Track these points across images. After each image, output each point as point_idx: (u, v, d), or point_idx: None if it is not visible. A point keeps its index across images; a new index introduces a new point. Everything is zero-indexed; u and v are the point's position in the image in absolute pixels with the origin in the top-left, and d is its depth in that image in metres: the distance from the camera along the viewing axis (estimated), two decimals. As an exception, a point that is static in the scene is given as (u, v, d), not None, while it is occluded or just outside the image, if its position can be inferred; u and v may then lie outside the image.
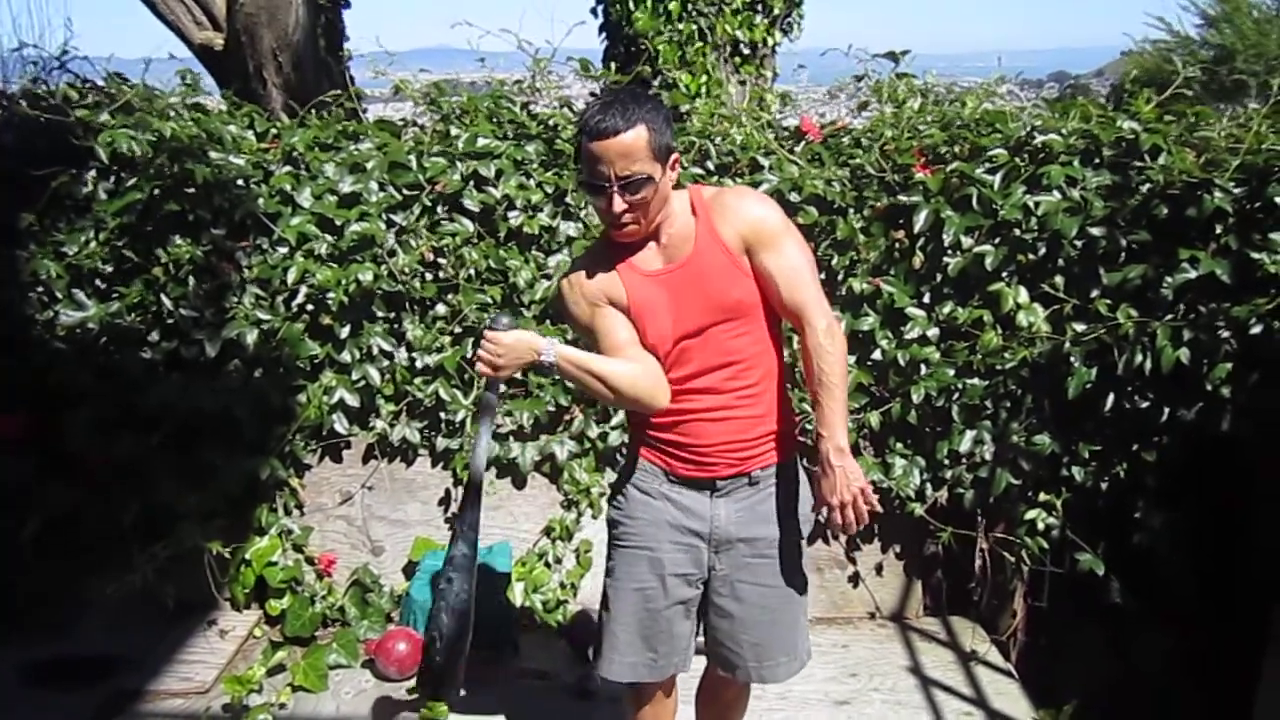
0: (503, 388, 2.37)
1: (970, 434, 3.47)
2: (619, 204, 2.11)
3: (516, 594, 3.64)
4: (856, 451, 3.55)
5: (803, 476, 2.39)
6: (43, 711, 3.23)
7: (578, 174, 2.21)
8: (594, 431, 3.63)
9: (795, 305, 2.22)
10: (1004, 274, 3.35)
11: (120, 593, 3.39)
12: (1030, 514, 3.45)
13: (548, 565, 3.74)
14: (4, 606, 3.59)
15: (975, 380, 3.42)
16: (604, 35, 6.13)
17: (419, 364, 3.55)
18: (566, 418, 3.65)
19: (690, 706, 2.67)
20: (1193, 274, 3.11)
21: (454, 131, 3.58)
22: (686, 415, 2.25)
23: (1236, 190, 3.08)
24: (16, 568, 3.55)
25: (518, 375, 3.53)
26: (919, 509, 3.55)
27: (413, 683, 3.32)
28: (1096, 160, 3.30)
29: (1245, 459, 3.17)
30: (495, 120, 3.64)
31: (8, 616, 3.58)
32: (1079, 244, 3.26)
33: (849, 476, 2.16)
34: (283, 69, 4.33)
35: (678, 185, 2.25)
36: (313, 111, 3.74)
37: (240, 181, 3.43)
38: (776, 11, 6.02)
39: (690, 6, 5.74)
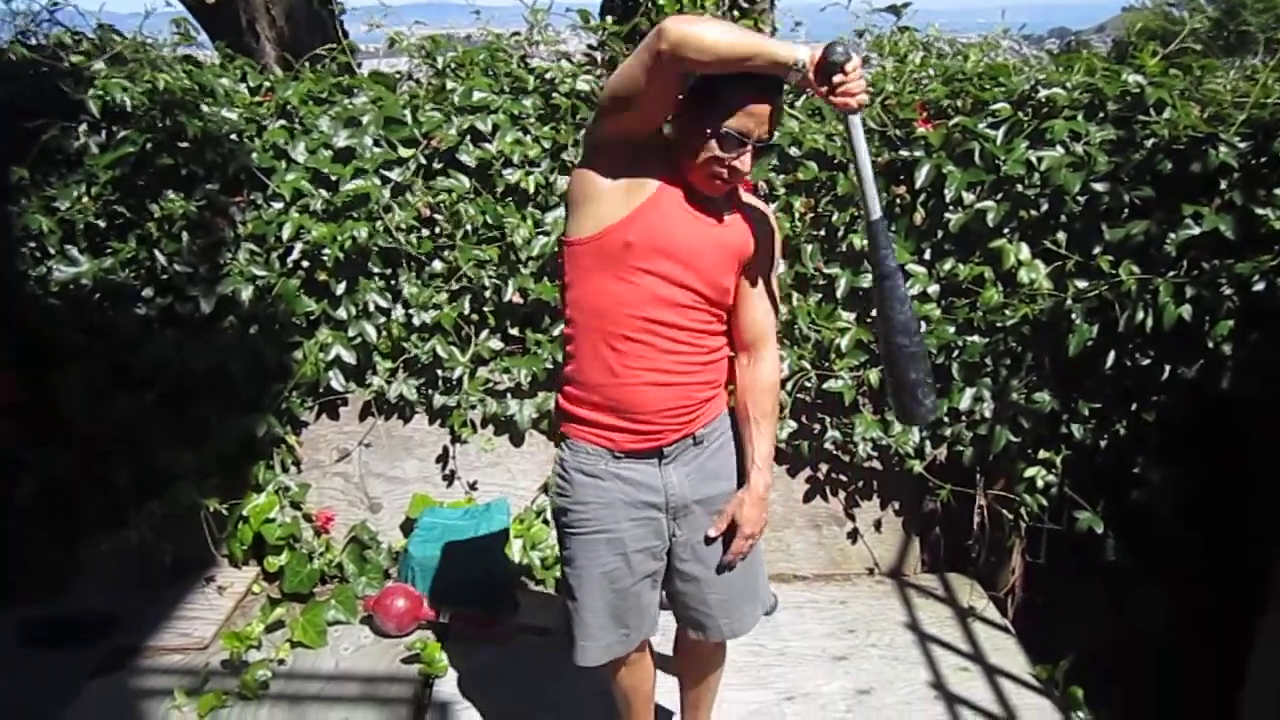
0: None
1: (970, 391, 3.46)
2: (748, 164, 2.04)
3: (515, 551, 3.64)
4: (856, 409, 3.55)
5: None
6: (43, 670, 3.25)
7: (710, 118, 2.00)
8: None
9: (762, 333, 2.28)
10: (1005, 230, 3.33)
11: (115, 545, 3.40)
12: (1029, 471, 3.46)
13: (546, 522, 3.74)
14: (1, 568, 3.58)
15: (975, 337, 3.41)
16: (601, -12, 6.04)
17: (416, 321, 3.52)
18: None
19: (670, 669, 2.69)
20: (1196, 230, 3.09)
21: (450, 85, 3.52)
22: (630, 375, 2.15)
23: (1242, 145, 3.05)
24: (12, 530, 3.55)
25: (515, 331, 3.54)
26: (918, 466, 3.55)
27: (411, 638, 3.35)
28: (1100, 115, 3.27)
29: (1246, 416, 3.16)
30: (491, 74, 3.59)
31: (5, 579, 3.58)
32: (1081, 200, 3.23)
33: (764, 515, 2.32)
34: (276, 22, 4.28)
35: None
36: (306, 65, 3.69)
37: (234, 135, 3.38)
38: (776, -36, 5.93)
39: (689, -42, 5.65)
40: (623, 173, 2.10)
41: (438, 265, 3.53)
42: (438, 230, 3.50)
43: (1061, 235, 3.28)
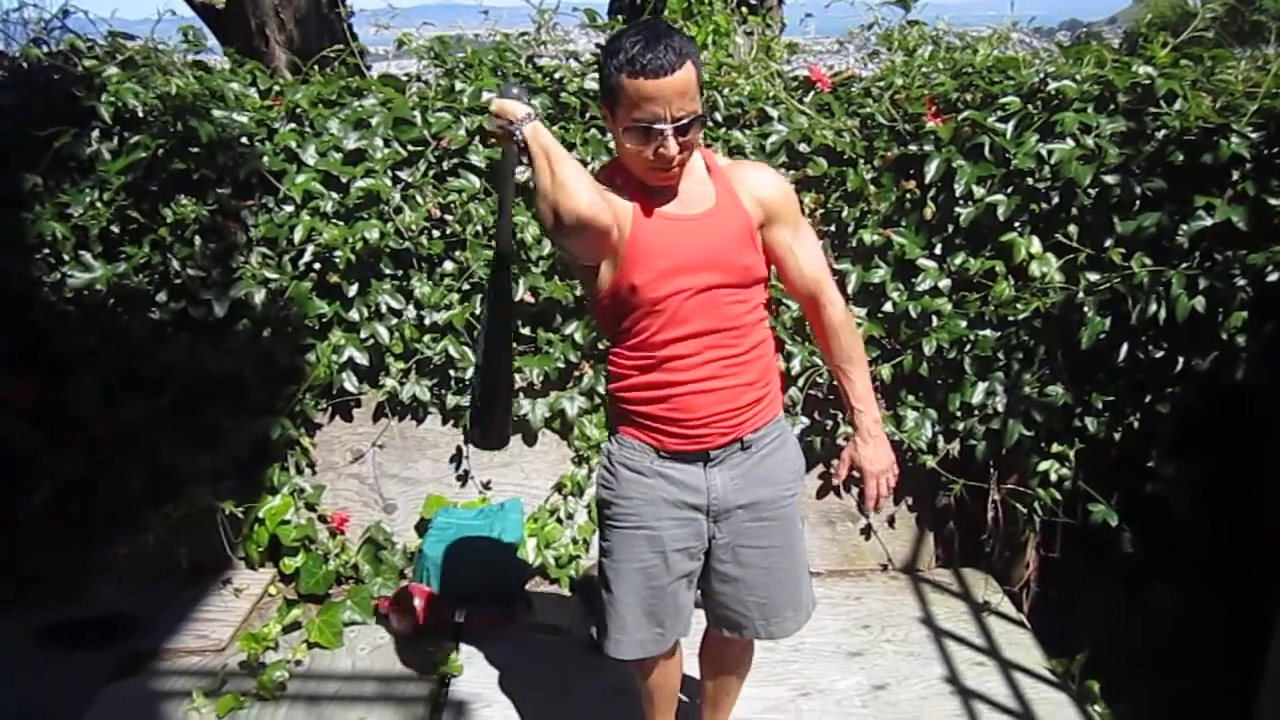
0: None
1: (982, 385, 3.45)
2: (674, 147, 1.98)
3: (529, 550, 3.65)
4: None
5: (790, 431, 2.37)
6: (61, 672, 3.27)
7: (620, 116, 2.00)
8: (604, 387, 3.62)
9: (814, 281, 2.25)
10: (1016, 224, 3.31)
11: (132, 548, 3.42)
12: (1043, 465, 3.45)
13: (559, 521, 3.75)
14: (18, 572, 3.61)
15: (987, 331, 3.40)
16: (609, -13, 6.05)
17: (427, 321, 3.53)
18: (576, 374, 3.64)
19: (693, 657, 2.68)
20: (1208, 221, 3.08)
21: (459, 86, 3.53)
22: (676, 388, 2.16)
23: (1254, 135, 3.04)
24: (29, 533, 3.57)
25: (526, 330, 3.54)
26: (931, 461, 3.54)
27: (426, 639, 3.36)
28: (1111, 106, 3.25)
29: (1260, 408, 3.15)
30: (500, 74, 3.60)
31: (22, 581, 3.60)
32: (1093, 192, 3.22)
33: (886, 452, 2.33)
34: (285, 26, 4.30)
35: None
36: (316, 68, 3.70)
37: (244, 139, 3.40)
38: (784, -40, 5.93)
39: (696, -44, 5.64)
40: (599, 233, 2.06)
41: (449, 265, 3.54)
42: (448, 230, 3.51)
43: (1073, 228, 3.26)
